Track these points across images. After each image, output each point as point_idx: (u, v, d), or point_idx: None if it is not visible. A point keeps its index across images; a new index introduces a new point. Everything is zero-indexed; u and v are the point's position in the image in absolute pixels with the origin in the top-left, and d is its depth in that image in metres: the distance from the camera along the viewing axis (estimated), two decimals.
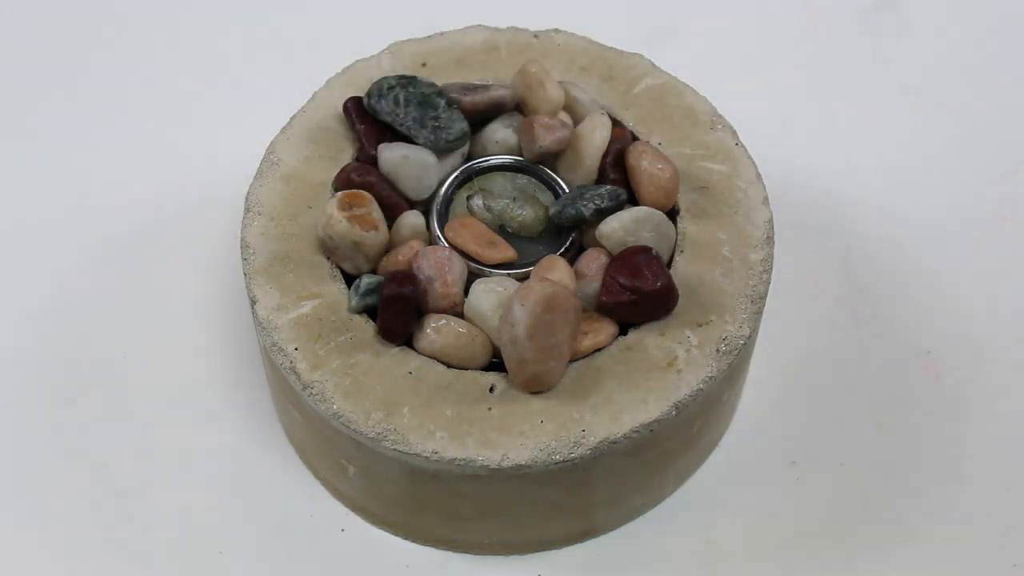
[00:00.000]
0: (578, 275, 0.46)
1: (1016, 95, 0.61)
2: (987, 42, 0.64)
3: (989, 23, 0.65)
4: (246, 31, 0.64)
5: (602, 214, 0.46)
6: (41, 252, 0.56)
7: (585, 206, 0.46)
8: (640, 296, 0.44)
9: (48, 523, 0.49)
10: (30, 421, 0.51)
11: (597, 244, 0.46)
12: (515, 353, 0.43)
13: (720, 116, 0.51)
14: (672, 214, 0.48)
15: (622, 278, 0.45)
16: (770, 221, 0.48)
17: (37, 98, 0.62)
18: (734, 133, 0.50)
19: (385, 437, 0.43)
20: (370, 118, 0.49)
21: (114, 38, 0.64)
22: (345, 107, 0.49)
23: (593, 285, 0.45)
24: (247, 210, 0.48)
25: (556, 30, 0.53)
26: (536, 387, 0.43)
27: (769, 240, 0.47)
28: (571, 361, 0.44)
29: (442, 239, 0.47)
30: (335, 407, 0.43)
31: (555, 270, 0.45)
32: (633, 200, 0.47)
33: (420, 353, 0.45)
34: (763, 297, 0.46)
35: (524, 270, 0.46)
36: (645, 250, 0.45)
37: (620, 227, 0.46)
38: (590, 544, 0.48)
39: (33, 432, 0.51)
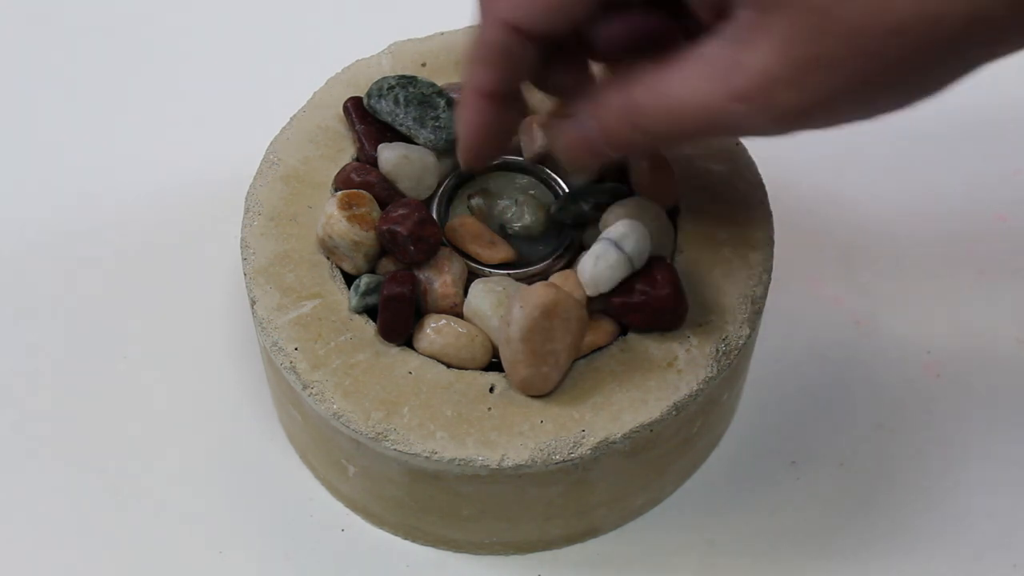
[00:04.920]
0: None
1: (1016, 95, 0.61)
2: None
3: None
4: (246, 31, 0.64)
5: (602, 210, 0.46)
6: (41, 252, 0.56)
7: (586, 200, 0.46)
8: (649, 299, 0.44)
9: (48, 523, 0.49)
10: (30, 421, 0.51)
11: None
12: (509, 354, 0.43)
13: None
14: (672, 214, 0.48)
15: (634, 281, 0.44)
16: (770, 221, 0.48)
17: (37, 98, 0.62)
18: None
19: (385, 437, 0.43)
20: (370, 118, 0.49)
21: (114, 38, 0.64)
22: (345, 107, 0.49)
23: None
24: (247, 210, 0.48)
25: None
26: (529, 391, 0.43)
27: (769, 240, 0.47)
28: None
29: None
30: (335, 407, 0.43)
31: (567, 280, 0.45)
32: None
33: (420, 353, 0.45)
34: (763, 297, 0.46)
35: (524, 270, 0.46)
36: (660, 259, 0.45)
37: (624, 212, 0.45)
38: (590, 544, 0.48)
39: (33, 432, 0.51)
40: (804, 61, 0.35)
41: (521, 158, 0.49)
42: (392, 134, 0.48)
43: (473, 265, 0.46)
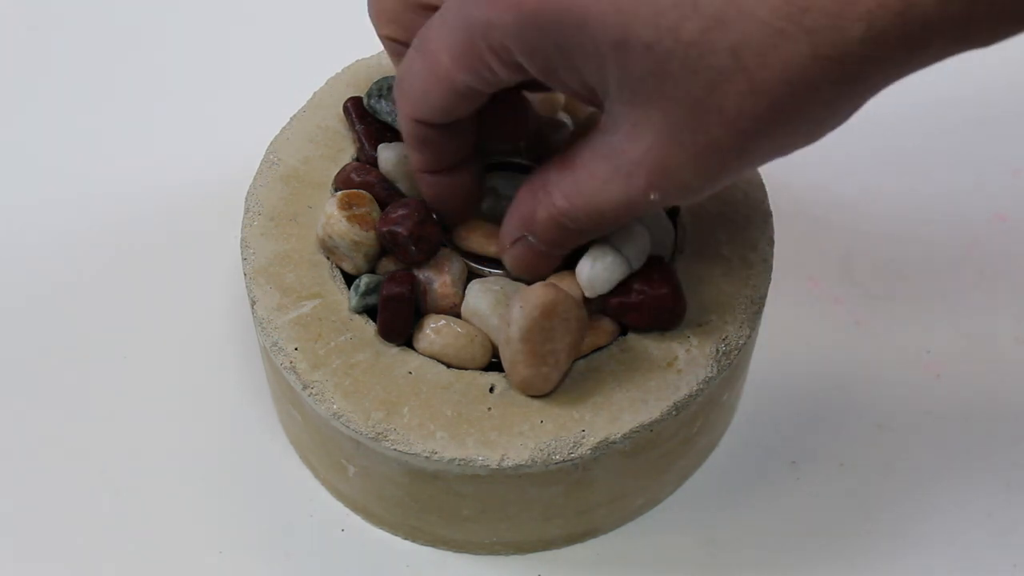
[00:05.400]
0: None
1: (1016, 95, 0.61)
2: None
3: None
4: (247, 30, 0.64)
5: None
6: (41, 252, 0.56)
7: None
8: (647, 298, 0.44)
9: (48, 523, 0.49)
10: (30, 421, 0.51)
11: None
12: (509, 354, 0.43)
13: None
14: (672, 214, 0.48)
15: (632, 281, 0.44)
16: (770, 221, 0.48)
17: (37, 97, 0.62)
18: None
19: (385, 437, 0.43)
20: (370, 118, 0.49)
21: (114, 37, 0.64)
22: (345, 107, 0.49)
23: None
24: (247, 210, 0.48)
25: None
26: (529, 391, 0.43)
27: (769, 240, 0.47)
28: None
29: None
30: (335, 407, 0.43)
31: (565, 280, 0.45)
32: None
33: (420, 353, 0.45)
34: (763, 297, 0.46)
35: None
36: (657, 259, 0.45)
37: None
38: (590, 544, 0.49)
39: (33, 432, 0.51)
40: (693, 148, 0.35)
41: (522, 158, 0.49)
42: (392, 134, 0.48)
43: (473, 265, 0.46)
